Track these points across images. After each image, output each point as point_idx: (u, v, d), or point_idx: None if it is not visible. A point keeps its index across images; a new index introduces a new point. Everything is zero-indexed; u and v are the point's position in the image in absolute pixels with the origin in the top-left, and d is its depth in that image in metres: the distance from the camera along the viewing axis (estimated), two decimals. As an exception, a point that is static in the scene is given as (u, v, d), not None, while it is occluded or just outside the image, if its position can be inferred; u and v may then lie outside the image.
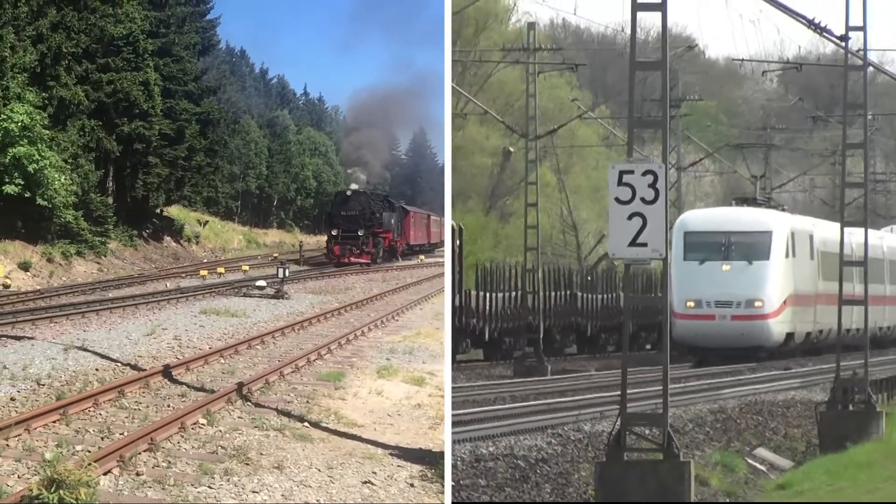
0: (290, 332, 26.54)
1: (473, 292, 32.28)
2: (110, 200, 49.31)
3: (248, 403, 17.25)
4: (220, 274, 43.69)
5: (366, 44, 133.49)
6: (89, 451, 13.24)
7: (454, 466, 13.89)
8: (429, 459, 13.99)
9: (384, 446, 14.89)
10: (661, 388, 12.92)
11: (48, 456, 13.00)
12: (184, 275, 43.90)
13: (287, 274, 37.08)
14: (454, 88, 39.92)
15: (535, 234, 31.38)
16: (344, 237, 55.13)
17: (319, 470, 13.36)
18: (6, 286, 34.10)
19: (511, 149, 46.76)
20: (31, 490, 10.96)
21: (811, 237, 33.66)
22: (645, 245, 12.58)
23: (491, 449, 15.21)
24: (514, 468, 14.43)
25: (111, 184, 51.05)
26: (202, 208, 68.41)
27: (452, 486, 13.12)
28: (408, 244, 67.64)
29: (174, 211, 60.85)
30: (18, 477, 12.36)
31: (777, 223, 31.81)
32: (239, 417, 16.20)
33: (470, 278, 34.54)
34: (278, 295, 35.20)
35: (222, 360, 21.66)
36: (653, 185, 12.57)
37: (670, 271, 27.06)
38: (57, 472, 11.02)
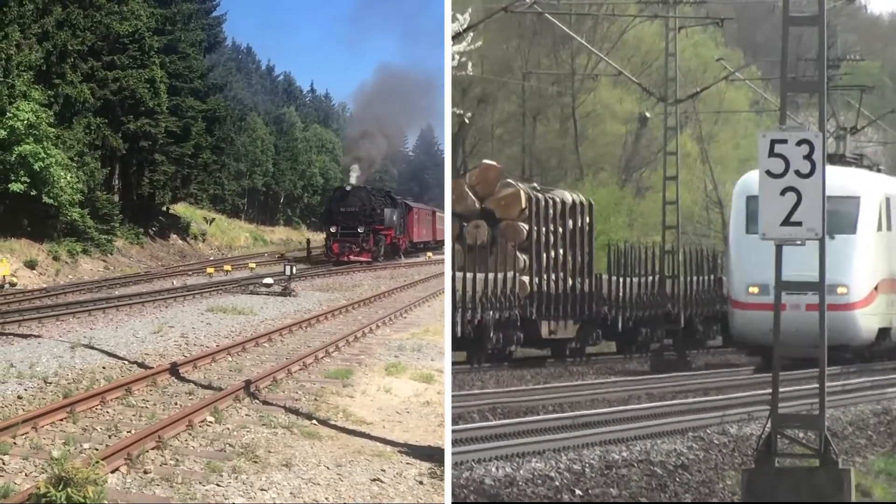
0: (297, 330, 26.47)
1: (605, 277, 29.64)
2: (116, 198, 49.36)
3: (256, 401, 17.18)
4: (227, 271, 43.67)
5: (373, 39, 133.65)
6: (97, 449, 13.17)
7: (580, 472, 13.04)
8: (438, 457, 13.90)
9: (393, 444, 14.80)
10: (816, 385, 11.92)
11: (55, 454, 12.93)
12: (190, 272, 43.88)
13: (294, 271, 37.01)
14: (584, 46, 37.71)
15: (675, 211, 28.29)
16: (343, 234, 53.57)
17: (328, 468, 13.28)
18: (13, 284, 34.09)
19: (648, 114, 43.99)
20: (38, 488, 10.90)
21: None
22: (800, 224, 11.52)
23: (624, 454, 14.04)
24: (650, 475, 13.17)
25: (117, 181, 51.09)
26: (208, 206, 68.51)
27: (580, 495, 12.44)
28: (411, 242, 65.76)
29: (180, 208, 60.91)
30: (26, 475, 12.30)
31: (867, 187, 25.68)
32: (247, 415, 16.13)
33: (601, 260, 31.39)
34: (285, 292, 35.15)
35: (230, 358, 21.59)
36: (808, 157, 11.36)
37: (729, 247, 24.74)
38: (64, 470, 10.95)
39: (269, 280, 37.28)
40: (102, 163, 47.03)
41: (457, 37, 29.95)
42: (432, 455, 14.09)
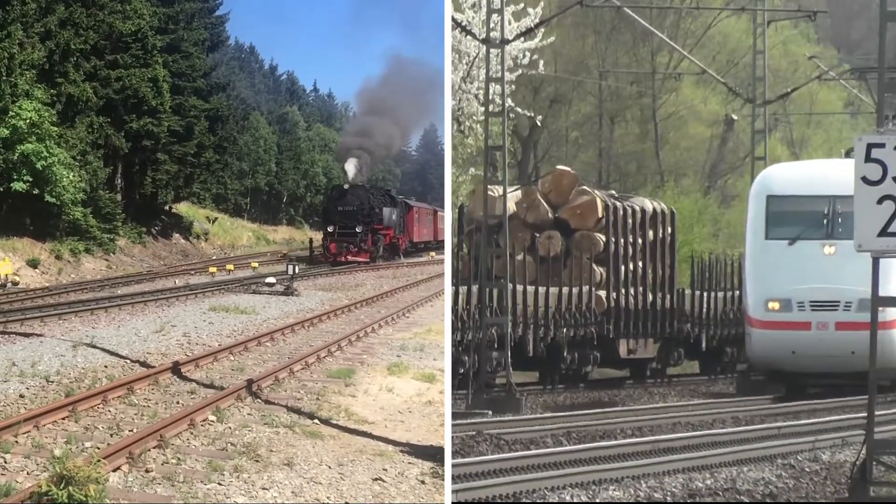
0: (299, 329, 26.46)
1: (688, 291, 27.40)
2: (119, 197, 49.38)
3: (258, 400, 17.17)
4: (230, 271, 43.64)
5: (377, 38, 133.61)
6: (98, 448, 13.15)
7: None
8: (440, 456, 13.88)
9: (395, 443, 14.78)
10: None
11: (57, 452, 12.94)
12: (193, 272, 43.88)
13: (297, 271, 36.98)
14: (666, 42, 34.59)
15: (763, 220, 24.94)
16: (341, 234, 52.46)
17: (330, 467, 13.26)
18: (15, 283, 34.08)
19: (734, 116, 41.23)
20: (40, 487, 10.89)
21: None
22: None
23: (708, 482, 13.42)
24: (736, 505, 12.33)
25: (120, 181, 51.11)
26: (211, 205, 68.56)
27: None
28: (411, 241, 64.60)
29: (183, 208, 60.94)
30: (28, 474, 12.29)
31: None
32: (248, 414, 16.12)
33: (683, 274, 29.29)
34: (288, 292, 35.12)
35: (232, 357, 21.58)
36: None
37: (745, 255, 22.55)
38: (66, 469, 10.94)
39: (271, 279, 37.26)
40: (105, 162, 47.03)
41: (528, 32, 28.79)
42: (434, 455, 14.07)
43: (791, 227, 21.83)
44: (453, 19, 17.98)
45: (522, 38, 28.72)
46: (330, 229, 53.30)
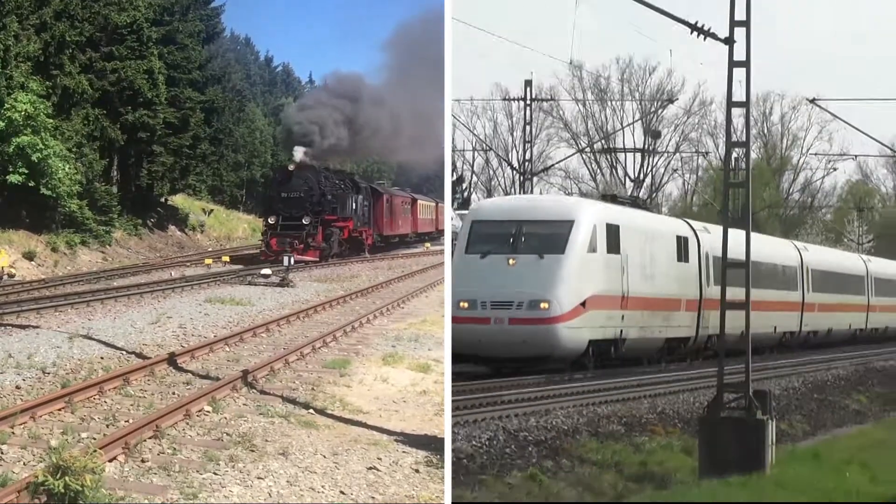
0: (295, 320, 26.53)
1: None
2: (115, 189, 49.39)
3: (254, 391, 17.25)
4: (225, 262, 43.64)
5: (372, 30, 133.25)
6: (94, 439, 13.24)
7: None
8: (434, 445, 13.97)
9: (389, 433, 14.87)
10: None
11: (54, 443, 13.02)
12: (189, 263, 43.90)
13: (292, 262, 36.97)
14: None
15: None
16: (284, 227, 44.00)
17: (324, 456, 13.35)
18: (11, 275, 34.13)
19: None
20: (36, 477, 10.96)
21: (646, 232, 27.68)
22: None
23: None
24: None
25: (116, 173, 51.12)
26: (207, 197, 68.49)
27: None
28: (381, 236, 55.49)
29: (179, 200, 60.89)
30: (24, 464, 12.37)
31: (584, 213, 25.29)
32: (244, 405, 16.20)
33: None
34: (283, 283, 35.17)
35: (227, 348, 21.65)
36: None
37: (452, 267, 24.59)
38: (62, 459, 11.00)
39: (266, 271, 37.30)
40: (101, 154, 47.02)
41: None
42: (429, 444, 14.16)
43: (485, 245, 24.74)
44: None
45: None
46: (271, 221, 44.74)
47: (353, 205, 49.69)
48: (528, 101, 41.95)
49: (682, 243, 29.22)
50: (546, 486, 14.03)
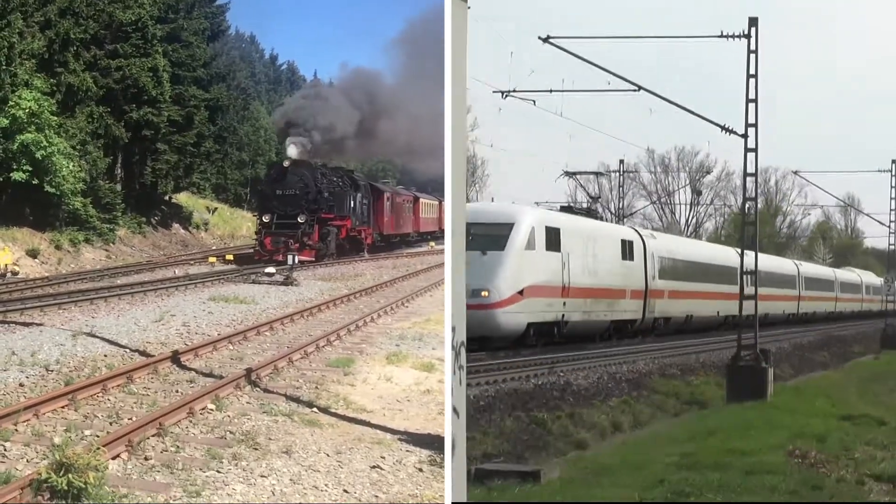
0: (299, 319, 26.50)
1: None
2: (119, 187, 49.36)
3: (257, 389, 17.22)
4: (229, 261, 43.64)
5: (378, 27, 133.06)
6: (98, 436, 13.21)
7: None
8: (438, 444, 13.91)
9: (393, 431, 14.83)
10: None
11: (57, 440, 13.00)
12: (192, 262, 43.87)
13: (296, 261, 36.93)
14: None
15: None
16: (279, 226, 42.70)
17: (328, 455, 13.32)
18: (14, 273, 34.14)
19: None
20: (40, 474, 10.94)
21: (590, 235, 32.45)
22: None
23: None
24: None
25: (119, 171, 51.11)
26: (211, 195, 68.44)
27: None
28: (381, 235, 54.11)
29: (183, 198, 60.87)
30: (28, 461, 12.35)
31: (523, 216, 28.91)
32: (247, 403, 16.17)
33: None
34: (287, 282, 35.14)
35: (231, 347, 21.63)
36: None
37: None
38: (66, 457, 10.99)
39: (271, 269, 37.26)
40: (105, 152, 47.01)
41: None
42: (432, 443, 14.12)
43: (472, 243, 26.28)
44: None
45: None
46: (265, 219, 43.40)
47: (352, 203, 48.52)
48: (621, 173, 58.02)
49: (626, 245, 35.23)
50: (632, 406, 22.73)
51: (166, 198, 56.90)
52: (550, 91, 32.50)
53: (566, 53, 27.27)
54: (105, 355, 19.90)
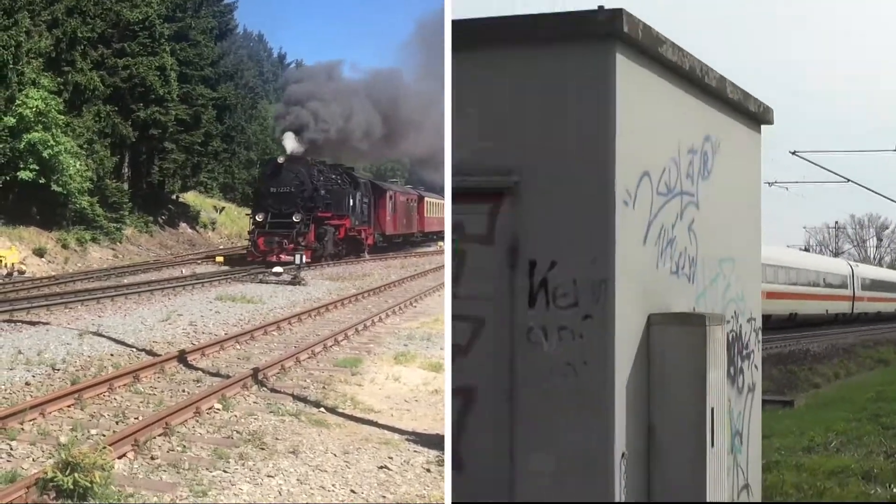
0: (306, 319, 26.42)
1: None
2: (126, 186, 49.41)
3: (264, 389, 17.13)
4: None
5: (385, 27, 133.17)
6: (104, 435, 13.14)
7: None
8: (446, 445, 13.83)
9: (401, 432, 14.74)
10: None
11: (63, 439, 12.93)
12: (199, 261, 43.85)
13: (304, 260, 36.84)
14: None
15: None
16: (273, 225, 41.03)
17: (335, 455, 13.23)
18: (21, 272, 34.12)
19: None
20: (45, 473, 10.87)
21: None
22: None
23: None
24: None
25: (127, 170, 51.15)
26: (218, 194, 68.53)
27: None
28: (383, 235, 52.51)
29: (190, 197, 60.91)
30: (33, 460, 12.28)
31: None
32: (254, 402, 16.09)
33: None
34: (295, 281, 35.09)
35: (238, 346, 21.55)
36: None
37: None
38: (72, 456, 10.92)
39: (278, 269, 37.22)
40: (112, 151, 47.06)
41: None
42: (440, 443, 14.01)
43: None
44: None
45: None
46: (259, 218, 41.68)
47: (351, 202, 46.76)
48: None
49: (844, 270, 65.24)
50: (846, 364, 40.02)
51: (173, 197, 56.95)
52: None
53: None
54: (111, 354, 19.84)
